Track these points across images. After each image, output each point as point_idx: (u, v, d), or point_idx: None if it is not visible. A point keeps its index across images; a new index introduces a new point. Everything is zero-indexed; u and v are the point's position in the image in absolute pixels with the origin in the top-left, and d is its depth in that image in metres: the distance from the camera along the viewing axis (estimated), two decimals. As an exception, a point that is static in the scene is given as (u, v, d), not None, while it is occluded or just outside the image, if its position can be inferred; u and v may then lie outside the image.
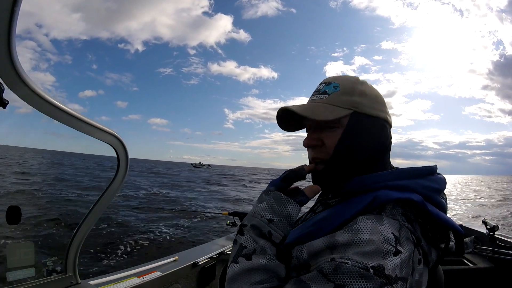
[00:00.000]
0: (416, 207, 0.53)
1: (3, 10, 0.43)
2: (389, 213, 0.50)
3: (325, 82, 0.63)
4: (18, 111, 6.29)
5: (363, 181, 0.56)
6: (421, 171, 0.58)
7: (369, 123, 0.59)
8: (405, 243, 0.47)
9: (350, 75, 0.64)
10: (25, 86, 0.60)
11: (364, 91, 0.60)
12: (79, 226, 1.08)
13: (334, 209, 0.57)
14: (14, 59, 0.52)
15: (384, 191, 0.52)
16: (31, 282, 0.98)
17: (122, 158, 1.01)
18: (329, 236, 0.49)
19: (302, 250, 0.50)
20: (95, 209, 1.06)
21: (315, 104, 0.60)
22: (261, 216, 0.53)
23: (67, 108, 0.75)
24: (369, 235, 0.45)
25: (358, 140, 0.58)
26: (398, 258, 0.44)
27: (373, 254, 0.43)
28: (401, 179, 0.56)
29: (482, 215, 10.89)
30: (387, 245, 0.44)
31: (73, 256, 1.09)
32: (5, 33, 0.46)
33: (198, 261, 1.57)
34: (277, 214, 0.52)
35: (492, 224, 1.71)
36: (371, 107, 0.60)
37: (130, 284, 1.25)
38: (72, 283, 1.09)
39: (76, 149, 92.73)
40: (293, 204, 0.54)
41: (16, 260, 0.95)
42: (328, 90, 0.60)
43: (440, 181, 0.60)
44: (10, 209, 0.89)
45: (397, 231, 0.47)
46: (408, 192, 0.53)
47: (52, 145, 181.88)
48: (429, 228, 0.53)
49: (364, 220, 0.48)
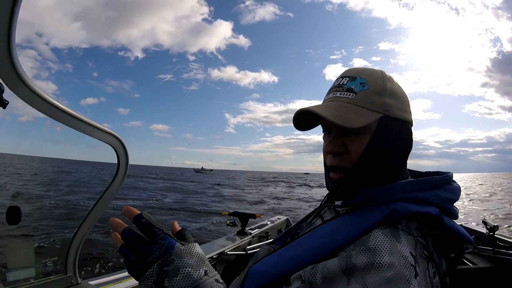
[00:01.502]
0: (432, 220, 0.49)
1: (3, 10, 0.42)
2: (405, 227, 0.48)
3: (349, 76, 0.55)
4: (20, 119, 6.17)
5: (381, 192, 0.51)
6: (439, 181, 0.54)
7: (398, 128, 0.53)
8: (420, 261, 0.44)
9: (375, 69, 0.57)
10: (25, 86, 0.60)
11: (394, 90, 0.54)
12: (79, 226, 1.08)
13: (347, 219, 0.51)
14: (14, 60, 0.52)
15: (402, 204, 0.48)
16: (31, 282, 0.98)
17: (122, 159, 1.01)
18: (345, 256, 0.44)
19: (316, 273, 0.44)
20: (95, 209, 1.06)
21: (341, 105, 0.52)
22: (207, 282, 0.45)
23: (67, 108, 0.75)
24: (388, 257, 0.41)
25: (386, 147, 0.52)
26: (417, 279, 0.41)
27: (396, 281, 0.39)
28: (420, 191, 0.51)
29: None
30: (409, 268, 0.41)
31: (73, 256, 1.09)
32: (5, 34, 0.46)
33: None
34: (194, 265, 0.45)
35: (492, 224, 1.71)
36: (401, 109, 0.54)
37: (130, 284, 1.25)
38: (72, 283, 1.09)
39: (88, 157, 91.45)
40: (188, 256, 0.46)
41: (16, 260, 0.95)
42: (354, 87, 0.53)
43: (457, 191, 0.56)
44: (10, 209, 0.89)
45: (414, 249, 0.44)
46: (427, 206, 0.49)
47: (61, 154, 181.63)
48: (443, 239, 0.51)
49: (381, 235, 0.44)
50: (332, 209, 0.59)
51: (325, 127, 0.58)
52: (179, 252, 0.44)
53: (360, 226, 0.47)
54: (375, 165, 0.52)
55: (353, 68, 0.58)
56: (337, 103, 0.53)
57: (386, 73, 0.56)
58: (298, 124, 0.59)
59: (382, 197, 0.51)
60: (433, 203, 0.50)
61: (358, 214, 0.51)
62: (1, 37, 0.47)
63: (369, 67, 0.58)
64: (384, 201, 0.50)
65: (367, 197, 0.52)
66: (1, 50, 0.49)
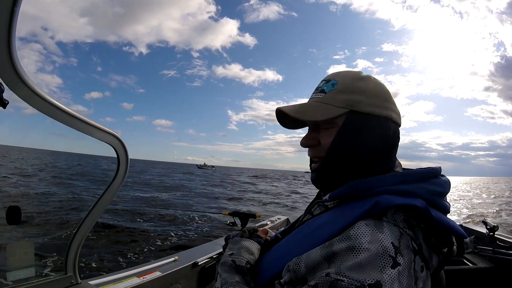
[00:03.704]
0: (419, 213, 0.50)
1: (3, 10, 0.42)
2: (390, 218, 0.48)
3: (326, 79, 0.61)
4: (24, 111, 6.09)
5: (363, 185, 0.53)
6: (425, 174, 0.55)
7: (367, 122, 0.55)
8: (405, 252, 0.44)
9: (353, 70, 0.61)
10: (25, 86, 0.60)
11: (363, 88, 0.57)
12: (79, 226, 1.08)
13: (333, 213, 0.54)
14: (14, 59, 0.52)
15: (386, 196, 0.50)
16: (31, 282, 0.98)
17: (122, 159, 1.01)
18: (327, 245, 0.47)
19: (300, 262, 0.48)
20: (95, 209, 1.06)
21: (309, 103, 0.60)
22: (225, 256, 0.62)
23: (67, 108, 0.75)
24: (367, 244, 0.43)
25: (354, 140, 0.55)
26: (396, 270, 0.41)
27: (370, 268, 0.41)
28: (405, 183, 0.52)
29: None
30: (385, 257, 0.42)
31: (73, 256, 1.09)
32: (5, 33, 0.46)
33: (198, 261, 1.57)
34: (235, 249, 0.62)
35: (492, 224, 1.71)
36: (371, 104, 0.56)
37: (130, 284, 1.25)
38: (72, 283, 1.09)
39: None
40: (247, 240, 0.64)
41: (16, 260, 0.95)
42: (326, 88, 0.59)
43: (445, 184, 0.57)
44: (10, 209, 0.89)
45: (397, 239, 0.45)
46: (412, 198, 0.50)
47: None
48: (432, 233, 0.51)
49: (363, 226, 0.46)
50: (322, 205, 0.62)
51: (308, 125, 0.63)
52: (234, 240, 0.67)
53: (345, 220, 0.49)
54: (345, 155, 0.56)
55: (333, 72, 0.63)
56: (308, 103, 0.60)
57: (363, 73, 0.60)
58: (285, 124, 0.66)
59: (365, 190, 0.53)
60: (419, 195, 0.51)
61: (343, 208, 0.53)
62: (1, 37, 0.47)
63: (350, 70, 0.62)
64: (368, 194, 0.52)
65: (351, 189, 0.54)
66: (1, 50, 0.49)
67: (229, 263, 0.58)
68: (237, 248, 0.62)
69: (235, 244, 0.64)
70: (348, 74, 0.60)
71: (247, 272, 0.56)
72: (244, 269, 0.57)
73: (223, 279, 0.56)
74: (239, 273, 0.56)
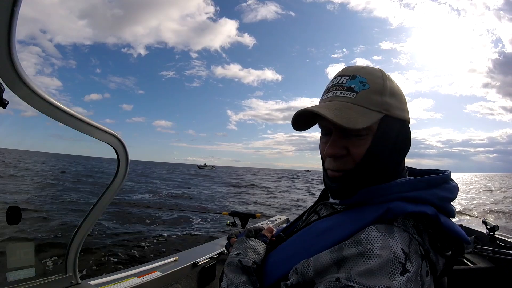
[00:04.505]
0: (429, 220, 0.49)
1: (3, 10, 0.43)
2: (400, 224, 0.48)
3: (348, 75, 0.54)
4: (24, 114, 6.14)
5: (377, 191, 0.51)
6: (437, 180, 0.54)
7: (398, 128, 0.53)
8: (413, 258, 0.44)
9: (373, 67, 0.56)
10: (25, 86, 0.60)
11: (393, 90, 0.53)
12: (79, 226, 1.08)
13: (342, 217, 0.53)
14: (14, 59, 0.52)
15: (398, 203, 0.49)
16: (31, 282, 0.98)
17: (122, 159, 1.01)
18: (337, 249, 0.46)
19: (308, 266, 0.47)
20: (95, 209, 1.06)
21: (343, 104, 0.51)
22: (231, 256, 0.61)
23: (67, 108, 0.75)
24: (378, 250, 0.42)
25: (387, 148, 0.52)
26: (405, 277, 0.41)
27: (380, 274, 0.40)
28: (417, 190, 0.51)
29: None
30: (396, 264, 0.41)
31: (73, 256, 1.09)
32: (5, 33, 0.46)
33: (198, 261, 1.57)
34: (241, 249, 0.61)
35: (492, 224, 1.71)
36: (400, 108, 0.53)
37: (130, 284, 1.25)
38: (72, 283, 1.09)
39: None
40: (253, 240, 0.63)
41: (16, 260, 0.95)
42: (355, 86, 0.52)
43: (454, 190, 0.56)
44: (10, 209, 0.89)
45: (407, 246, 0.44)
46: (423, 205, 0.49)
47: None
48: (439, 238, 0.51)
49: (374, 231, 0.45)
50: (329, 206, 0.60)
51: (324, 128, 0.56)
52: (239, 239, 0.66)
53: (356, 225, 0.48)
54: (376, 166, 0.52)
55: (351, 66, 0.56)
56: (339, 103, 0.51)
57: (384, 71, 0.55)
58: (296, 124, 0.58)
59: (379, 196, 0.51)
60: (430, 202, 0.51)
61: (354, 213, 0.52)
62: (1, 37, 0.47)
63: (367, 65, 0.57)
64: (381, 201, 0.51)
65: (364, 196, 0.52)
66: (1, 50, 0.49)
67: (236, 263, 0.58)
68: (244, 248, 0.61)
69: (241, 244, 0.63)
70: (374, 71, 0.54)
71: (253, 272, 0.56)
72: (250, 269, 0.56)
73: (229, 279, 0.56)
74: (246, 273, 0.56)
